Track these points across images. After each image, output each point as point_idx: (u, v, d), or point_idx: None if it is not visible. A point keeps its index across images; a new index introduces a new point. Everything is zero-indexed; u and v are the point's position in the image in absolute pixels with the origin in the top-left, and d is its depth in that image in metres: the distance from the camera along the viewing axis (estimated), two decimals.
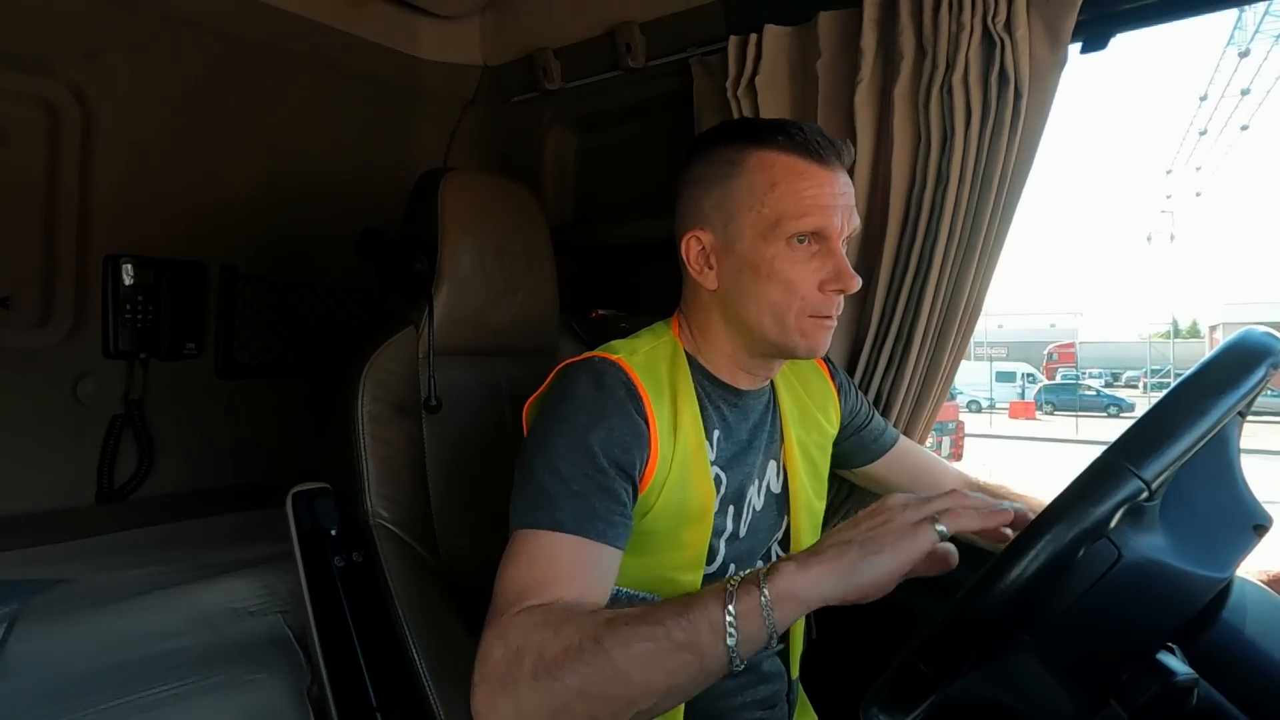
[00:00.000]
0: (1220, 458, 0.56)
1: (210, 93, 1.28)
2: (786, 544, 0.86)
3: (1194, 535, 0.53)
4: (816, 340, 0.74)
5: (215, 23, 1.23)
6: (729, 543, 0.79)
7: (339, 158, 1.48)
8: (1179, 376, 0.55)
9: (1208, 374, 0.51)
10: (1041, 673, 0.50)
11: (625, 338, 0.79)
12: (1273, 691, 0.49)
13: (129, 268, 1.24)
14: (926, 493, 0.55)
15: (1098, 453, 0.48)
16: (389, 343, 0.97)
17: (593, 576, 0.62)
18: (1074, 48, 0.96)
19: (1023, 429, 16.66)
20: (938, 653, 0.47)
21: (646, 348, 0.77)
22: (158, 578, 1.16)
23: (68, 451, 1.24)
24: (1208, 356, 0.52)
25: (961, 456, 9.14)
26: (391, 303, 1.10)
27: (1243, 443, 0.58)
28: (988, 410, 19.86)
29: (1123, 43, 0.99)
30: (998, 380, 21.37)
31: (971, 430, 12.70)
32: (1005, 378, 21.70)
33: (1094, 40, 0.98)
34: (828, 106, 1.09)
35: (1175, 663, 0.48)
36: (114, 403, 1.27)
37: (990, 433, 15.83)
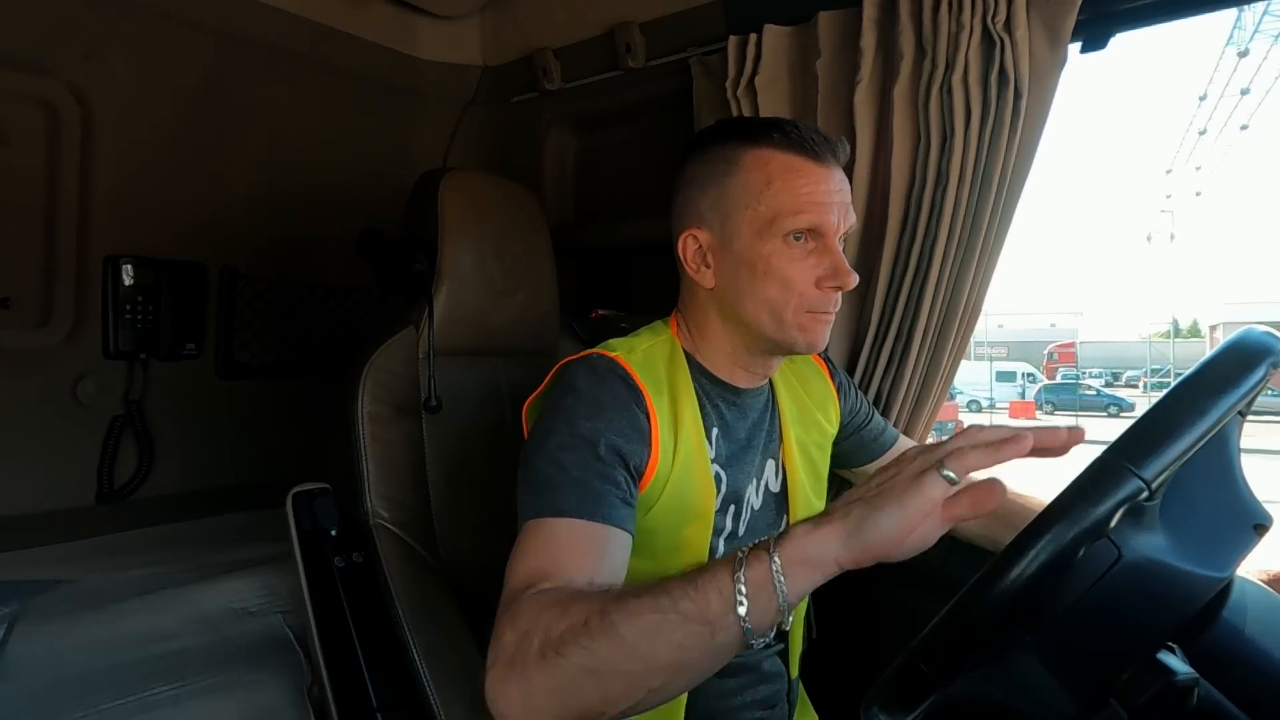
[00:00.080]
0: (1220, 457, 0.56)
1: (210, 93, 1.28)
2: None
3: (1194, 535, 0.53)
4: (815, 334, 0.74)
5: (215, 23, 1.23)
6: (728, 542, 0.79)
7: (339, 158, 1.48)
8: (1179, 376, 0.55)
9: (1208, 374, 0.51)
10: (1042, 672, 0.50)
11: (623, 337, 0.79)
12: (1273, 691, 0.49)
13: (129, 268, 1.24)
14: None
15: (1098, 452, 0.48)
16: (389, 343, 0.97)
17: (600, 558, 0.61)
18: (1074, 47, 0.97)
19: None
20: (938, 653, 0.47)
21: (644, 346, 0.77)
22: (158, 578, 1.16)
23: (68, 452, 1.24)
24: (1208, 356, 0.52)
25: None
26: (391, 303, 1.09)
27: (1243, 442, 0.58)
28: (988, 410, 19.82)
29: (1122, 42, 0.99)
30: (998, 380, 21.35)
31: None
32: (1005, 377, 21.67)
33: (1094, 40, 0.98)
34: (827, 106, 1.09)
35: (1175, 662, 0.48)
36: (114, 403, 1.27)
37: None
